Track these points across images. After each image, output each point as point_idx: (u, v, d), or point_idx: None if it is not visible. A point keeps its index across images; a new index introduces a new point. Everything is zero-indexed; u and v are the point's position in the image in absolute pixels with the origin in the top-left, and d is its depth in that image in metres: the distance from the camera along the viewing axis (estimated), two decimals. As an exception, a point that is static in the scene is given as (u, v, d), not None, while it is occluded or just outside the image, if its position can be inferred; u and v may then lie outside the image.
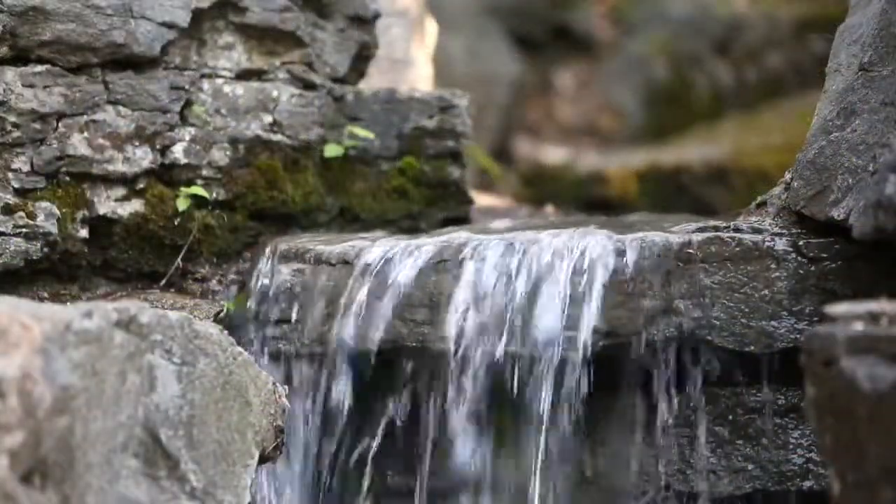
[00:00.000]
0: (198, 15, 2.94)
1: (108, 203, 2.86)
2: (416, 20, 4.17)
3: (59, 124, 2.80)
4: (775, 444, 2.58)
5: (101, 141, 2.83)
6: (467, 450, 2.61)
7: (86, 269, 2.87)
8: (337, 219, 3.11)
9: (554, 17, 7.51)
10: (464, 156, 3.20)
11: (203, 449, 2.17)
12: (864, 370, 1.82)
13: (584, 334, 2.55)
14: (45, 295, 2.82)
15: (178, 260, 2.92)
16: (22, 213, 2.74)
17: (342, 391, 2.66)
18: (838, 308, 1.93)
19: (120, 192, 2.87)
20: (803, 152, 2.68)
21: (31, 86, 2.77)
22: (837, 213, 2.54)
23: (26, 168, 2.77)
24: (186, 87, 2.92)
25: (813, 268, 2.58)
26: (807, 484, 2.56)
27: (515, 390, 2.57)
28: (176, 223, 2.90)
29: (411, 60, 4.11)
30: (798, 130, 3.11)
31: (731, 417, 2.59)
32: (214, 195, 2.95)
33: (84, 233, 2.83)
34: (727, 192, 5.39)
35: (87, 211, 2.83)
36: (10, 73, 2.76)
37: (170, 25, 2.89)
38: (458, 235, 2.71)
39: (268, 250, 2.84)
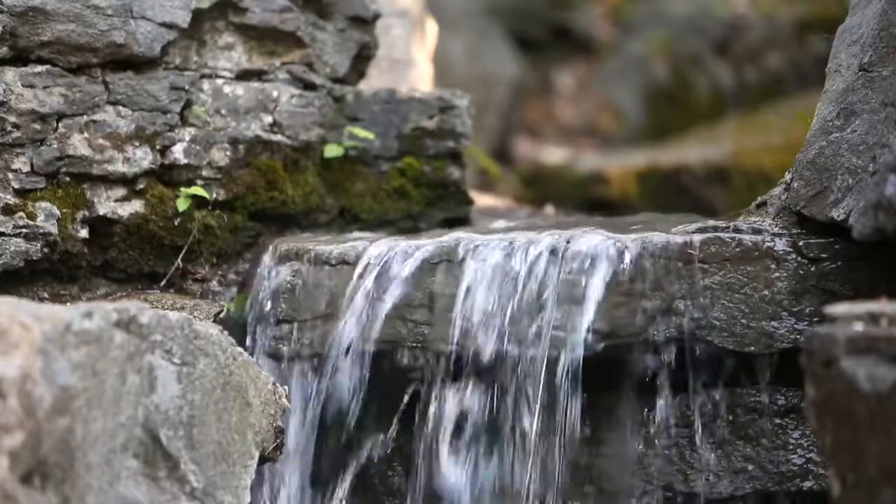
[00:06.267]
0: (198, 15, 2.94)
1: (108, 203, 2.86)
2: (416, 21, 4.17)
3: (59, 124, 2.80)
4: (775, 445, 2.58)
5: (101, 141, 2.83)
6: (466, 449, 2.61)
7: (86, 269, 2.87)
8: (337, 219, 3.11)
9: (554, 17, 7.52)
10: (464, 156, 3.20)
11: (203, 449, 2.17)
12: (864, 371, 1.82)
13: (584, 334, 2.55)
14: (45, 295, 2.82)
15: (178, 260, 2.92)
16: (22, 214, 2.74)
17: (342, 391, 2.66)
18: (838, 308, 1.93)
19: (120, 192, 2.87)
20: (803, 153, 2.68)
21: (31, 86, 2.77)
22: (837, 214, 2.54)
23: (26, 168, 2.77)
24: (186, 87, 2.93)
25: (813, 268, 2.58)
26: (807, 484, 2.56)
27: (515, 390, 2.57)
28: (176, 223, 2.90)
29: (411, 61, 4.11)
30: (798, 130, 3.11)
31: (731, 417, 2.60)
32: (214, 195, 2.95)
33: (84, 233, 2.83)
34: (727, 192, 5.40)
35: (87, 211, 2.83)
36: (10, 74, 2.76)
37: (170, 26, 2.89)
38: (457, 236, 2.71)
39: (268, 251, 2.85)
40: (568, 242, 2.61)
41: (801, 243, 2.59)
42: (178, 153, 2.91)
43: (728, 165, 5.52)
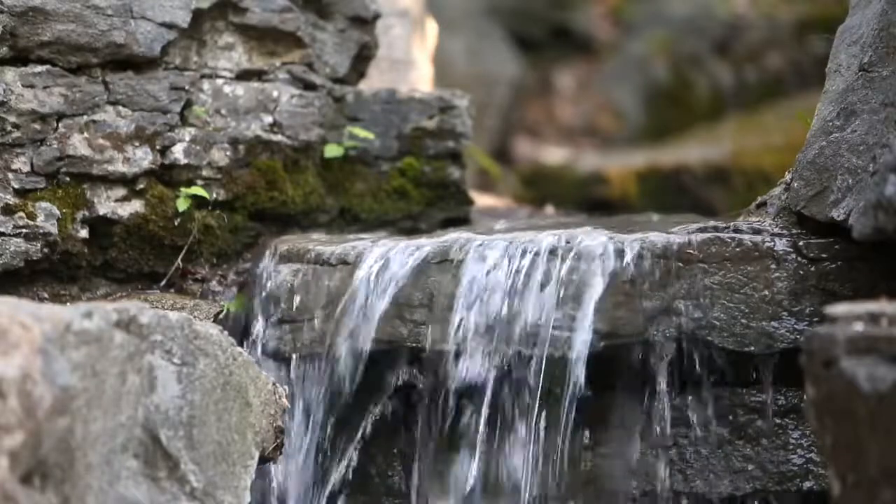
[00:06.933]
0: (198, 15, 2.94)
1: (109, 203, 2.86)
2: (416, 21, 4.17)
3: (59, 124, 2.80)
4: (775, 445, 2.58)
5: (101, 141, 2.83)
6: (466, 449, 2.61)
7: (86, 269, 2.87)
8: (337, 219, 3.11)
9: (554, 17, 7.52)
10: (464, 156, 3.20)
11: (203, 449, 2.17)
12: (864, 371, 1.82)
13: (584, 334, 2.55)
14: (45, 295, 2.82)
15: (179, 260, 2.92)
16: (22, 214, 2.74)
17: (342, 391, 2.66)
18: (838, 309, 1.93)
19: (120, 192, 2.87)
20: (803, 153, 2.68)
21: (31, 86, 2.77)
22: (837, 214, 2.54)
23: (26, 168, 2.77)
24: (186, 87, 2.93)
25: (813, 268, 2.58)
26: (807, 484, 2.56)
27: (515, 390, 2.57)
28: (176, 223, 2.90)
29: (411, 61, 4.11)
30: (798, 130, 3.11)
31: (731, 417, 2.60)
32: (214, 195, 2.95)
33: (84, 233, 2.83)
34: (727, 192, 5.40)
35: (87, 211, 2.83)
36: (10, 74, 2.76)
37: (170, 26, 2.89)
38: (458, 236, 2.71)
39: (268, 251, 2.85)
40: (568, 243, 2.61)
41: (801, 243, 2.59)
42: (178, 153, 2.91)
43: (728, 165, 5.52)
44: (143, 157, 2.87)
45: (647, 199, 5.44)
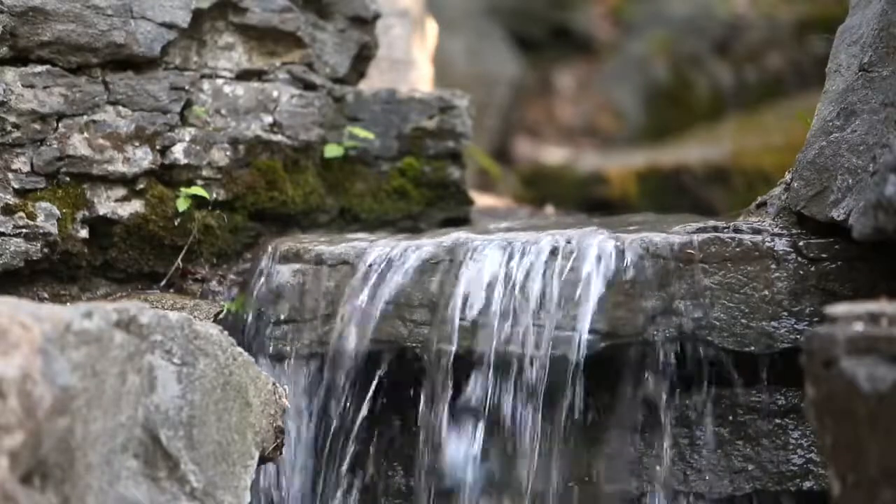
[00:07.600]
0: (198, 15, 2.94)
1: (109, 203, 2.86)
2: (416, 21, 4.17)
3: (59, 125, 2.80)
4: (775, 445, 2.58)
5: (101, 141, 2.83)
6: (467, 449, 2.61)
7: (86, 269, 2.87)
8: (337, 219, 3.11)
9: (554, 17, 7.53)
10: (464, 156, 3.20)
11: (203, 449, 2.17)
12: (864, 371, 1.82)
13: (584, 334, 2.55)
14: (45, 295, 2.82)
15: (179, 260, 2.92)
16: (22, 214, 2.74)
17: (343, 391, 2.66)
18: (838, 309, 1.93)
19: (120, 192, 2.87)
20: (803, 153, 2.68)
21: (31, 86, 2.77)
22: (837, 214, 2.54)
23: (26, 168, 2.77)
24: (186, 87, 2.93)
25: (813, 268, 2.58)
26: (807, 484, 2.56)
27: (515, 390, 2.57)
28: (176, 223, 2.90)
29: (411, 61, 4.11)
30: (798, 130, 3.11)
31: (731, 417, 2.60)
32: (214, 195, 2.95)
33: (84, 233, 2.83)
34: (727, 192, 5.40)
35: (87, 211, 2.83)
36: (10, 74, 2.76)
37: (170, 26, 2.89)
38: (458, 236, 2.71)
39: (268, 251, 2.85)
40: (568, 242, 2.61)
41: (801, 243, 2.59)
42: (178, 153, 2.91)
43: (728, 165, 5.53)
44: (143, 157, 2.87)
45: (647, 199, 5.44)
